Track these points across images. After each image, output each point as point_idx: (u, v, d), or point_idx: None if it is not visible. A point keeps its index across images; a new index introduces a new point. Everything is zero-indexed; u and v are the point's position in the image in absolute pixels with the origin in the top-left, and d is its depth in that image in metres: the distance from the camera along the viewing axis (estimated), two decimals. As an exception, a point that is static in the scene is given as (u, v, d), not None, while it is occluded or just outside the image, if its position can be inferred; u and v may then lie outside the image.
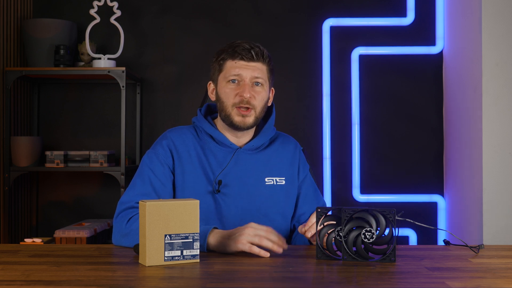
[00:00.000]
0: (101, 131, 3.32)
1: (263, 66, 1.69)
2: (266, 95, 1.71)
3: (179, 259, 1.31)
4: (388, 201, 3.22)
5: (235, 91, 1.67)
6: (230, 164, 1.69)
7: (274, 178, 1.73)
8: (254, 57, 1.66)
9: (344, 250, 1.34)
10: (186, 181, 1.68)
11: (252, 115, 1.67)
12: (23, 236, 3.19)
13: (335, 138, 3.25)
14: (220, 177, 1.68)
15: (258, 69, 1.67)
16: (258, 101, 1.67)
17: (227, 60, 1.69)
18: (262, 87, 1.68)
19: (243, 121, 1.67)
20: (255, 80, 1.67)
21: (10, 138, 2.96)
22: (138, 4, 3.31)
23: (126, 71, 2.95)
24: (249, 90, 1.65)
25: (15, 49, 3.14)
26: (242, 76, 1.66)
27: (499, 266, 1.32)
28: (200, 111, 1.79)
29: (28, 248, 1.51)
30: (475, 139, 2.73)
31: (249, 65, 1.66)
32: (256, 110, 1.68)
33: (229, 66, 1.68)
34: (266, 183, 1.72)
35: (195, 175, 1.68)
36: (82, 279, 1.17)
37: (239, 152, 1.72)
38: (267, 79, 1.70)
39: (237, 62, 1.67)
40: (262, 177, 1.71)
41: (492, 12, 2.64)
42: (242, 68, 1.66)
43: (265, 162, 1.73)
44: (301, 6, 3.29)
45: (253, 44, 1.68)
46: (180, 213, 1.30)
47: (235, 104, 1.66)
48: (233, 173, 1.69)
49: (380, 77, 3.28)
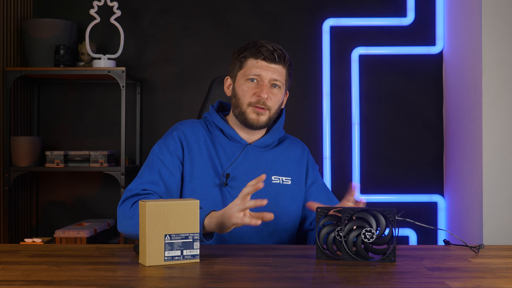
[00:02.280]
0: (101, 131, 3.32)
1: (283, 69, 1.71)
2: (282, 98, 1.74)
3: (179, 259, 1.31)
4: (388, 201, 3.22)
5: (253, 90, 1.69)
6: (239, 159, 1.71)
7: (281, 177, 1.74)
8: (276, 59, 1.68)
9: (344, 250, 1.34)
10: (195, 172, 1.68)
11: (266, 114, 1.70)
12: (23, 236, 3.19)
13: (335, 138, 3.25)
14: (228, 171, 1.69)
15: (278, 71, 1.69)
16: (273, 103, 1.70)
17: (249, 59, 1.70)
18: (279, 90, 1.71)
19: (257, 119, 1.69)
20: (273, 82, 1.69)
21: (10, 138, 2.96)
22: (138, 4, 3.31)
23: (126, 71, 2.95)
24: (267, 91, 1.67)
25: (15, 49, 3.14)
26: (262, 77, 1.68)
27: (499, 266, 1.32)
28: (213, 106, 1.81)
29: (28, 248, 1.51)
30: (475, 139, 2.73)
31: (270, 67, 1.68)
32: (271, 111, 1.70)
33: (250, 64, 1.70)
34: (273, 181, 1.73)
35: (203, 167, 1.69)
36: (82, 279, 1.17)
37: (248, 148, 1.74)
38: (285, 82, 1.73)
39: (259, 62, 1.68)
40: (269, 175, 1.73)
41: (492, 12, 2.64)
42: (263, 68, 1.68)
43: (272, 160, 1.75)
44: (301, 6, 3.29)
45: (276, 46, 1.70)
46: (180, 213, 1.30)
47: (251, 103, 1.69)
48: (241, 168, 1.70)
49: (380, 77, 3.28)
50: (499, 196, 2.62)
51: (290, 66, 1.74)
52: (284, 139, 1.84)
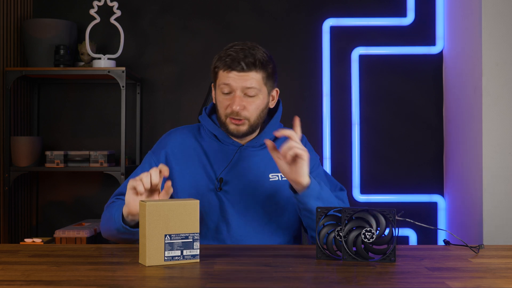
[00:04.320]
0: (101, 131, 3.32)
1: (257, 74, 1.64)
2: (263, 102, 1.68)
3: (179, 259, 1.31)
4: (388, 201, 3.22)
5: (227, 102, 1.65)
6: (233, 161, 1.70)
7: (279, 174, 1.72)
8: (244, 68, 1.62)
9: (344, 250, 1.34)
10: (187, 182, 1.69)
11: (246, 124, 1.66)
12: (23, 236, 3.19)
13: (335, 138, 3.25)
14: (222, 175, 1.68)
15: (250, 78, 1.63)
16: (251, 112, 1.65)
17: (220, 70, 1.66)
18: (256, 96, 1.65)
19: (237, 129, 1.67)
20: (246, 91, 1.64)
21: (10, 138, 2.96)
22: (138, 4, 3.31)
23: (126, 71, 2.95)
24: (239, 103, 1.63)
25: (15, 49, 3.14)
26: (232, 87, 1.64)
27: (499, 266, 1.32)
28: (205, 110, 1.78)
29: (28, 248, 1.51)
30: (475, 139, 2.73)
31: (241, 76, 1.62)
32: (250, 120, 1.66)
33: (221, 76, 1.66)
34: (270, 179, 1.71)
35: (196, 175, 1.69)
36: (82, 279, 1.17)
37: (242, 150, 1.72)
38: (263, 85, 1.66)
39: (229, 72, 1.63)
40: (266, 173, 1.71)
41: (492, 12, 2.64)
42: (232, 78, 1.63)
43: (269, 158, 1.71)
44: (301, 6, 3.29)
45: (246, 52, 1.63)
46: (180, 213, 1.31)
47: (228, 115, 1.66)
48: (236, 170, 1.69)
49: (380, 77, 3.28)
50: (499, 196, 2.62)
51: (268, 66, 1.66)
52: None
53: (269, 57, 1.68)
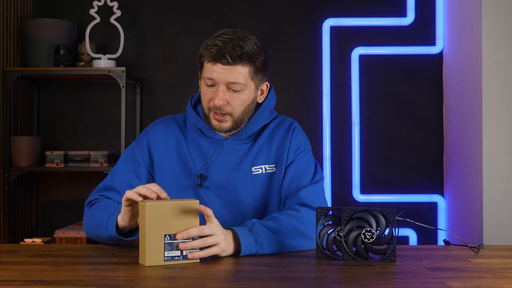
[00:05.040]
0: (101, 131, 3.32)
1: (243, 68, 1.54)
2: (249, 98, 1.58)
3: (179, 259, 1.31)
4: (388, 201, 3.22)
5: (210, 95, 1.56)
6: (213, 156, 1.62)
7: (263, 166, 1.63)
8: (230, 61, 1.52)
9: (344, 250, 1.34)
10: (166, 175, 1.63)
11: (229, 120, 1.58)
12: (23, 236, 3.19)
13: (335, 138, 3.25)
14: (202, 171, 1.62)
15: (236, 72, 1.53)
16: (234, 107, 1.56)
17: (205, 61, 1.56)
18: (241, 92, 1.56)
19: (219, 125, 1.58)
20: (230, 85, 1.54)
21: (10, 138, 2.96)
22: (138, 4, 3.31)
23: (126, 71, 2.95)
24: (222, 97, 1.54)
25: (15, 49, 3.14)
26: (216, 81, 1.54)
27: (499, 266, 1.32)
28: (191, 100, 1.70)
29: (28, 248, 1.51)
30: (475, 139, 2.73)
31: (226, 69, 1.53)
32: (234, 115, 1.57)
33: (206, 67, 1.56)
34: (253, 173, 1.62)
35: (175, 169, 1.63)
36: (82, 279, 1.17)
37: (225, 143, 1.64)
38: (250, 80, 1.56)
39: (214, 64, 1.53)
40: (248, 167, 1.62)
41: (492, 12, 2.64)
42: (217, 71, 1.53)
43: (253, 150, 1.64)
44: (301, 6, 3.29)
45: (234, 43, 1.53)
46: (179, 213, 1.30)
47: (210, 108, 1.57)
48: (216, 165, 1.62)
49: (380, 77, 3.28)
50: (499, 196, 2.62)
51: (256, 60, 1.56)
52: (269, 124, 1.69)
53: (260, 48, 1.59)
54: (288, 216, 1.51)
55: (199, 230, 1.32)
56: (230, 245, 1.39)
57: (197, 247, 1.32)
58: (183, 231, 1.30)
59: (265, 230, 1.44)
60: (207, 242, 1.33)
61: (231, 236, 1.40)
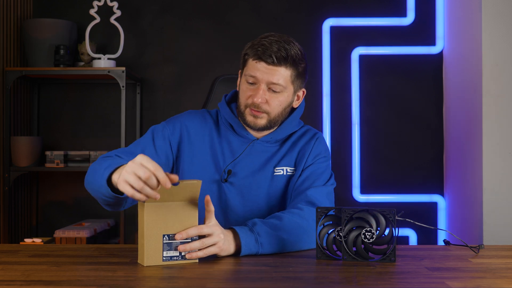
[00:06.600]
0: (101, 131, 3.32)
1: (286, 70, 1.59)
2: (286, 100, 1.64)
3: (177, 259, 1.31)
4: (388, 201, 3.22)
5: (249, 92, 1.60)
6: (243, 154, 1.66)
7: (285, 167, 1.68)
8: (275, 61, 1.56)
9: (344, 250, 1.34)
10: (194, 166, 1.65)
11: (265, 117, 1.61)
12: (23, 236, 3.19)
13: (335, 138, 3.25)
14: (230, 166, 1.65)
15: (278, 74, 1.57)
16: (272, 107, 1.60)
17: (249, 58, 1.60)
18: (281, 93, 1.60)
19: (254, 121, 1.61)
20: (271, 86, 1.58)
21: (10, 138, 2.96)
22: (138, 4, 3.31)
23: (126, 71, 2.95)
24: (262, 95, 1.58)
25: (15, 49, 3.14)
26: (258, 79, 1.58)
27: (499, 266, 1.32)
28: (225, 97, 1.73)
29: (28, 248, 1.51)
30: (475, 139, 2.73)
31: (269, 69, 1.57)
32: (270, 115, 1.62)
33: (249, 65, 1.60)
34: (275, 174, 1.67)
35: (204, 161, 1.65)
36: (82, 279, 1.17)
37: (256, 143, 1.68)
38: (290, 83, 1.61)
39: (258, 63, 1.58)
40: (271, 167, 1.67)
41: (492, 12, 2.64)
42: (260, 70, 1.57)
43: (278, 154, 1.68)
44: (301, 6, 3.29)
45: (280, 45, 1.58)
46: (178, 213, 1.30)
47: (248, 105, 1.61)
48: (243, 163, 1.66)
49: (380, 77, 3.28)
50: (499, 196, 2.62)
51: (299, 64, 1.61)
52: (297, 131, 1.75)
53: (303, 55, 1.63)
54: (291, 214, 1.52)
55: (197, 230, 1.32)
56: (231, 245, 1.39)
57: (196, 249, 1.32)
58: (182, 231, 1.31)
59: (266, 230, 1.44)
60: (206, 242, 1.33)
61: (232, 235, 1.40)
